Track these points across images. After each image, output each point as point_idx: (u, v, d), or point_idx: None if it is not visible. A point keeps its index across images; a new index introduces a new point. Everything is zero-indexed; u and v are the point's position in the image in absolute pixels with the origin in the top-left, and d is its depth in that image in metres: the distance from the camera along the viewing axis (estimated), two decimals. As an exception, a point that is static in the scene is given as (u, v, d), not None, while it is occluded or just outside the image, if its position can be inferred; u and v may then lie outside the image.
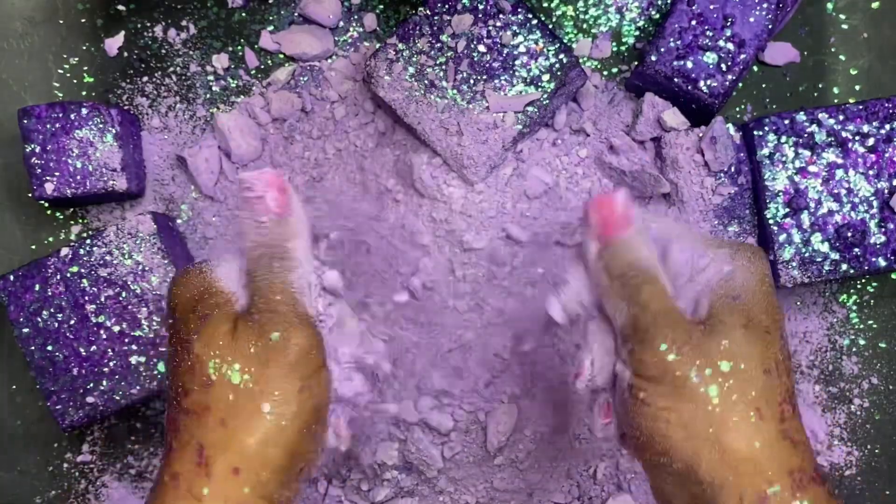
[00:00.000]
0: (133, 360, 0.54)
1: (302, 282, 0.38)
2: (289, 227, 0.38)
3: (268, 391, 0.35)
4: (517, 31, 0.54)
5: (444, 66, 0.54)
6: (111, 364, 0.54)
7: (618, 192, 0.39)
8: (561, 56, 0.54)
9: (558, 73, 0.54)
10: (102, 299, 0.54)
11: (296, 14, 0.60)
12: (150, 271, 0.54)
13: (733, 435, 0.34)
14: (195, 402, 0.36)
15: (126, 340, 0.54)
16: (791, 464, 0.35)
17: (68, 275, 0.54)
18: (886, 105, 0.54)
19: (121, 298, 0.54)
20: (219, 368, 0.36)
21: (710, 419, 0.34)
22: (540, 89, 0.54)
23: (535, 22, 0.54)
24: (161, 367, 0.54)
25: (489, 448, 0.57)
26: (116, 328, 0.54)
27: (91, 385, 0.54)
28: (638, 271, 0.37)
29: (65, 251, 0.54)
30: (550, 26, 0.56)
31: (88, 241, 0.54)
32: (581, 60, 0.58)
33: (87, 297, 0.54)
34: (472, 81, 0.54)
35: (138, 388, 0.54)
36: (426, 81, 0.54)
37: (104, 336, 0.54)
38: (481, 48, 0.54)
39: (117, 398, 0.54)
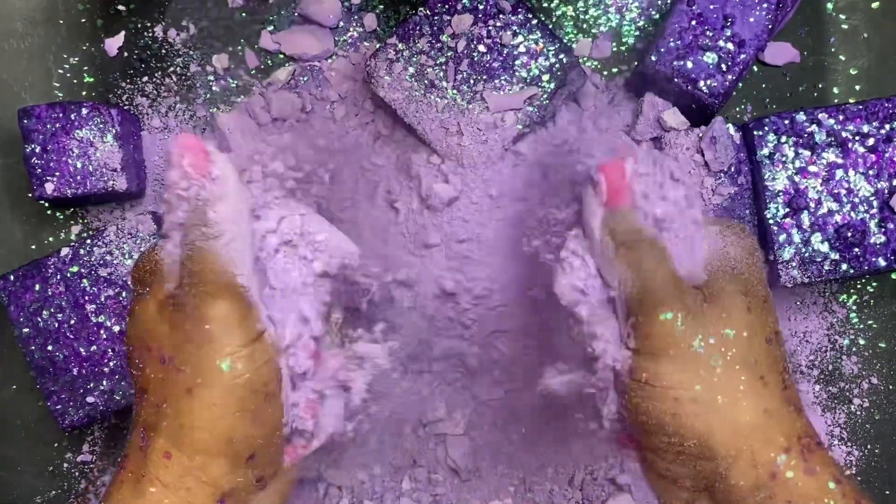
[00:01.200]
0: (133, 359, 0.54)
1: (230, 249, 0.34)
2: (207, 191, 0.34)
3: (191, 372, 0.32)
4: (517, 31, 0.54)
5: (444, 66, 0.54)
6: (111, 364, 0.54)
7: (628, 159, 0.38)
8: (561, 56, 0.54)
9: (558, 73, 0.54)
10: (102, 299, 0.54)
11: (296, 14, 0.60)
12: (150, 271, 0.54)
13: (743, 404, 0.33)
14: (137, 382, 0.35)
15: (126, 340, 0.54)
16: (797, 429, 0.35)
17: (68, 275, 0.54)
18: (886, 105, 0.54)
19: (121, 298, 0.54)
20: (148, 350, 0.34)
21: (718, 389, 0.33)
22: (540, 89, 0.54)
23: (535, 22, 0.54)
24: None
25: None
26: (116, 328, 0.54)
27: (91, 385, 0.54)
28: (644, 237, 0.37)
29: (65, 251, 0.54)
30: (550, 26, 0.56)
31: (89, 241, 0.54)
32: (581, 60, 0.58)
33: (87, 297, 0.54)
34: (472, 81, 0.54)
35: (138, 387, 0.54)
36: (426, 81, 0.54)
37: (104, 336, 0.54)
38: (481, 48, 0.54)
39: (117, 398, 0.54)
